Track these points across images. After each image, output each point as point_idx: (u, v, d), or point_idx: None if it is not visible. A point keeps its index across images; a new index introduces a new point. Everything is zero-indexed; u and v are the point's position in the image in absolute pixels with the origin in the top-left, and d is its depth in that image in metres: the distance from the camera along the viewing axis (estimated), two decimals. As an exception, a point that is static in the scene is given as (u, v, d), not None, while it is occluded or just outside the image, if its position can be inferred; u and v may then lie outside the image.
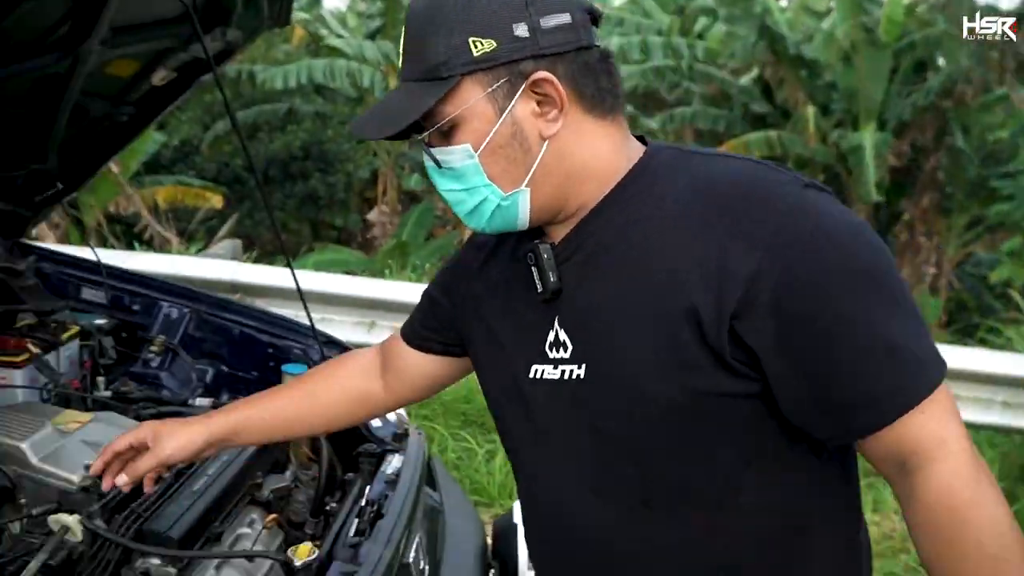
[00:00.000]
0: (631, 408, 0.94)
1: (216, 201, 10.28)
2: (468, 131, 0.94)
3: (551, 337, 1.01)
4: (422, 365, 1.28)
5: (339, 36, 10.08)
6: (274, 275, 4.15)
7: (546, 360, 1.02)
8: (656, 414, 0.93)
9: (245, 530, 1.72)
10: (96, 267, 2.30)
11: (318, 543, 1.49)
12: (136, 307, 2.30)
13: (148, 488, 1.35)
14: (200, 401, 2.01)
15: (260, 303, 3.73)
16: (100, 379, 2.07)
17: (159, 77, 2.11)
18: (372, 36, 10.24)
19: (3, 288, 2.11)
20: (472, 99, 0.93)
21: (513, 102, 0.93)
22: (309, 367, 2.05)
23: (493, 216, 0.99)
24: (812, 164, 10.29)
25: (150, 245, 8.50)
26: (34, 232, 2.76)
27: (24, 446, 1.57)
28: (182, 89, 2.23)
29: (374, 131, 0.99)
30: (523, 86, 0.92)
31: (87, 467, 1.59)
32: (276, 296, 3.88)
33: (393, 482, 1.70)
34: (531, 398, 1.04)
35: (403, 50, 0.98)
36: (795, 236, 0.86)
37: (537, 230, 1.03)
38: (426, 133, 0.97)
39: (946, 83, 9.75)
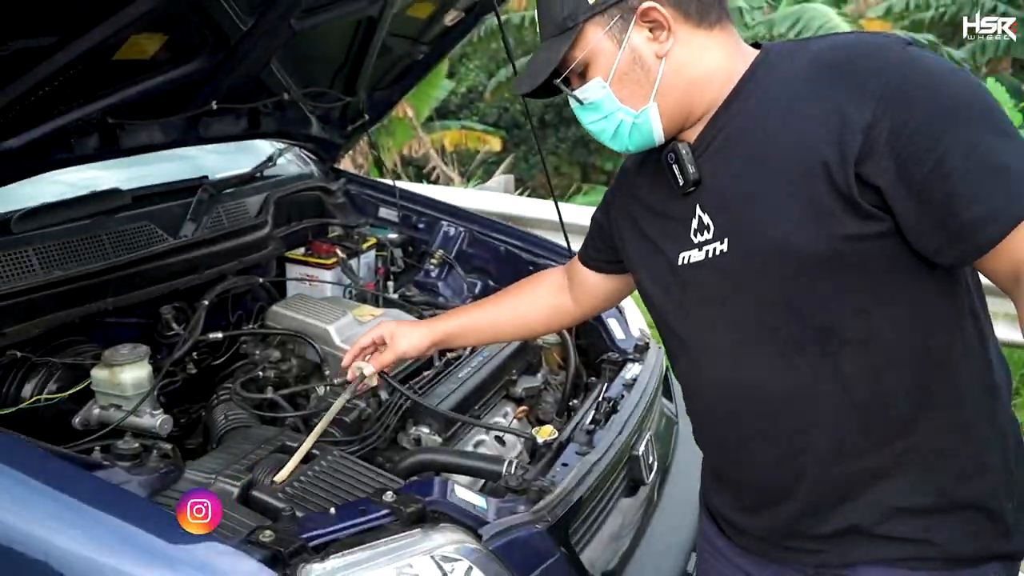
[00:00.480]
0: (774, 264, 1.04)
1: (495, 144, 10.93)
2: (597, 67, 1.10)
3: (695, 224, 1.13)
4: (598, 282, 1.45)
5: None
6: (540, 207, 4.42)
7: (691, 246, 1.14)
8: (800, 266, 1.02)
9: (499, 419, 1.96)
10: (391, 191, 2.65)
11: (559, 428, 1.68)
12: (421, 225, 2.63)
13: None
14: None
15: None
16: (390, 283, 2.42)
17: (450, 17, 2.35)
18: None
19: (319, 204, 2.52)
20: (595, 39, 1.09)
21: (628, 33, 1.08)
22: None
23: (632, 134, 1.14)
24: None
25: (436, 183, 9.29)
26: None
27: (331, 329, 1.92)
28: (467, 28, 2.48)
29: (527, 86, 1.14)
30: (633, 18, 1.07)
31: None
32: (540, 227, 4.13)
33: (630, 385, 1.83)
34: (682, 282, 1.16)
35: (538, 19, 1.16)
36: (901, 83, 0.95)
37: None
38: (562, 76, 1.13)
39: None
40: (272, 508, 1.32)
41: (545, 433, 1.64)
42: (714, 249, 1.10)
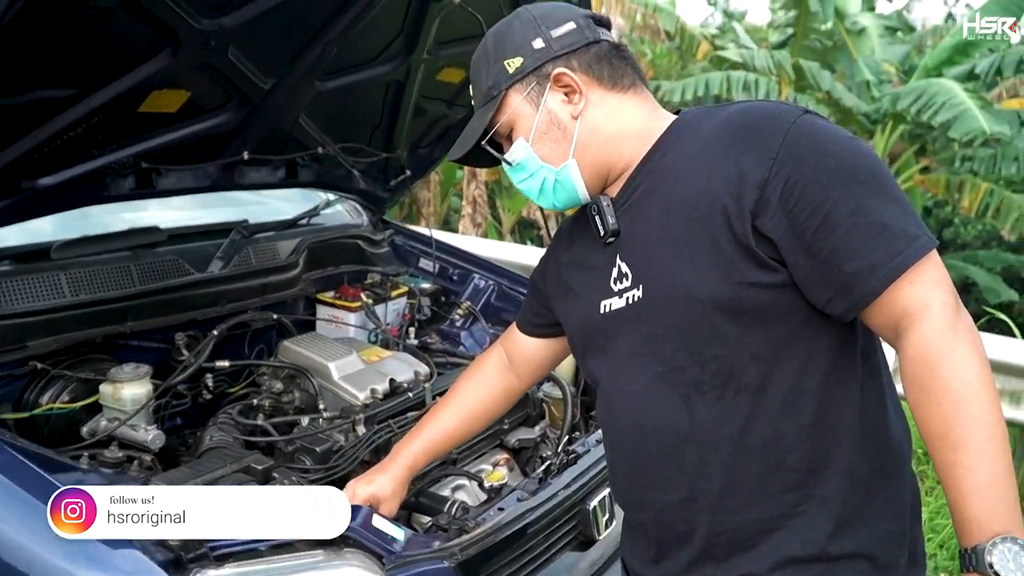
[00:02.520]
0: (681, 307, 1.11)
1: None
2: (520, 129, 1.22)
3: (615, 272, 1.20)
4: (539, 349, 1.51)
5: (745, 48, 10.05)
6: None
7: (612, 294, 1.21)
8: (702, 309, 1.08)
9: (486, 466, 2.00)
10: (428, 243, 2.78)
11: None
12: (455, 276, 2.74)
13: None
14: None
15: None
16: (412, 330, 2.52)
17: (482, 82, 2.49)
18: (782, 45, 10.01)
19: (358, 251, 2.69)
20: (516, 104, 1.21)
21: (544, 97, 1.19)
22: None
23: (556, 191, 1.23)
24: None
25: (541, 244, 9.45)
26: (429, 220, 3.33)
27: (331, 365, 2.04)
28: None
29: (458, 152, 1.27)
30: (548, 83, 1.19)
31: (373, 390, 2.03)
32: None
33: (601, 441, 1.82)
34: (604, 330, 1.22)
35: (471, 94, 1.28)
36: (795, 146, 1.03)
37: None
38: (489, 138, 1.24)
39: None
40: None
41: (495, 477, 1.68)
42: (632, 296, 1.18)
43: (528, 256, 4.77)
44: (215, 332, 1.98)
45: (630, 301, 1.18)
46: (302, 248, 2.40)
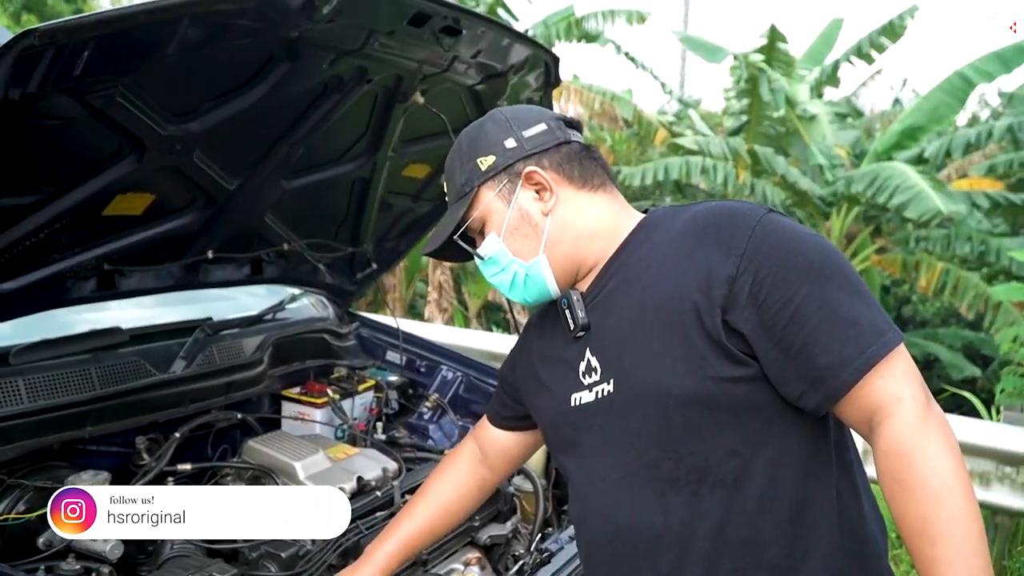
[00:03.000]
0: (653, 403, 1.11)
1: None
2: (491, 224, 1.26)
3: (583, 366, 1.22)
4: (510, 442, 1.50)
5: (702, 135, 10.39)
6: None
7: (581, 387, 1.22)
8: (675, 404, 1.09)
9: (456, 566, 1.95)
10: (395, 335, 2.78)
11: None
12: (422, 368, 2.72)
13: None
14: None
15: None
16: (379, 424, 2.49)
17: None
18: (737, 131, 10.37)
19: (324, 345, 2.67)
20: (487, 200, 1.25)
21: (516, 194, 1.23)
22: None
23: (527, 284, 1.25)
24: None
25: (507, 329, 9.47)
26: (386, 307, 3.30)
27: (297, 465, 2.00)
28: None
29: (431, 246, 1.31)
30: (519, 181, 1.23)
31: (340, 489, 1.98)
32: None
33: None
34: (574, 423, 1.23)
35: (444, 188, 1.32)
36: (761, 243, 1.07)
37: None
38: (461, 234, 1.27)
39: None
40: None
41: (467, 576, 1.64)
42: (602, 390, 1.19)
43: (495, 343, 4.77)
44: (177, 435, 1.94)
45: (600, 395, 1.19)
46: (267, 344, 2.38)
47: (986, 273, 8.55)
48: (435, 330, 5.49)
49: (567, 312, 1.24)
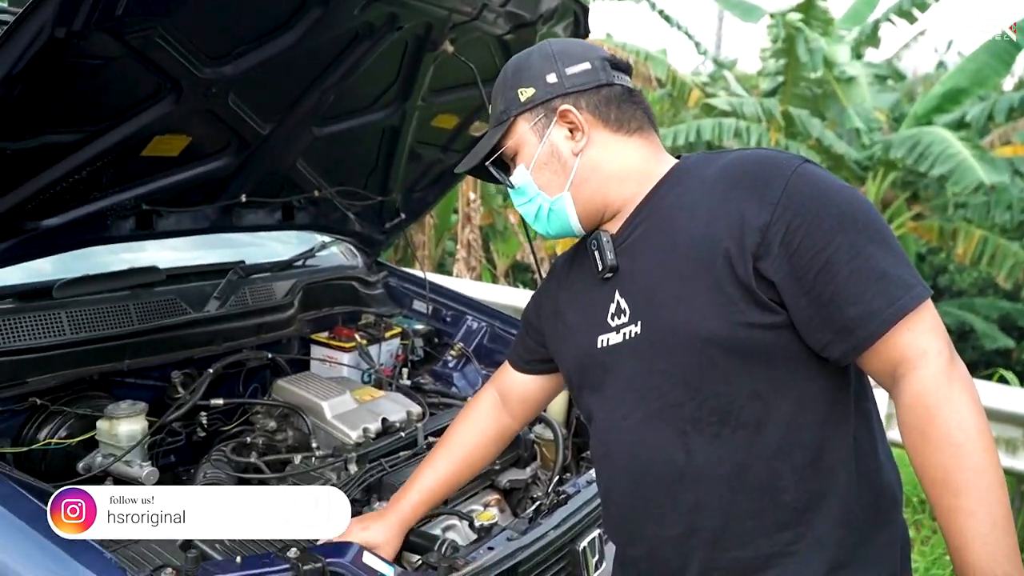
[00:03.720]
0: (681, 344, 1.13)
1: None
2: (523, 155, 1.28)
3: (612, 308, 1.23)
4: (532, 386, 1.53)
5: (736, 96, 10.22)
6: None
7: (609, 329, 1.23)
8: (701, 347, 1.11)
9: (476, 506, 2.01)
10: (422, 284, 2.83)
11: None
12: (448, 318, 2.78)
13: None
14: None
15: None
16: (405, 370, 2.55)
17: (475, 128, 2.56)
18: (772, 93, 10.17)
19: (353, 292, 2.73)
20: (522, 132, 1.26)
21: (549, 130, 1.25)
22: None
23: (550, 219, 1.28)
24: None
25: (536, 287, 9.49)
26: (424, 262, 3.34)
27: (324, 404, 2.07)
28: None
29: (465, 166, 1.34)
30: (554, 118, 1.24)
31: (365, 429, 2.05)
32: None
33: (593, 482, 1.85)
34: (600, 363, 1.25)
35: (489, 110, 1.35)
36: (796, 193, 1.07)
37: None
38: (493, 160, 1.31)
39: None
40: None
41: (485, 517, 1.70)
42: (630, 331, 1.21)
43: (521, 299, 4.81)
44: (210, 371, 2.02)
45: (627, 336, 1.20)
46: (297, 289, 2.44)
47: (1026, 242, 8.38)
48: (463, 284, 5.55)
49: (596, 253, 1.25)
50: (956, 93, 8.23)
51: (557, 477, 2.11)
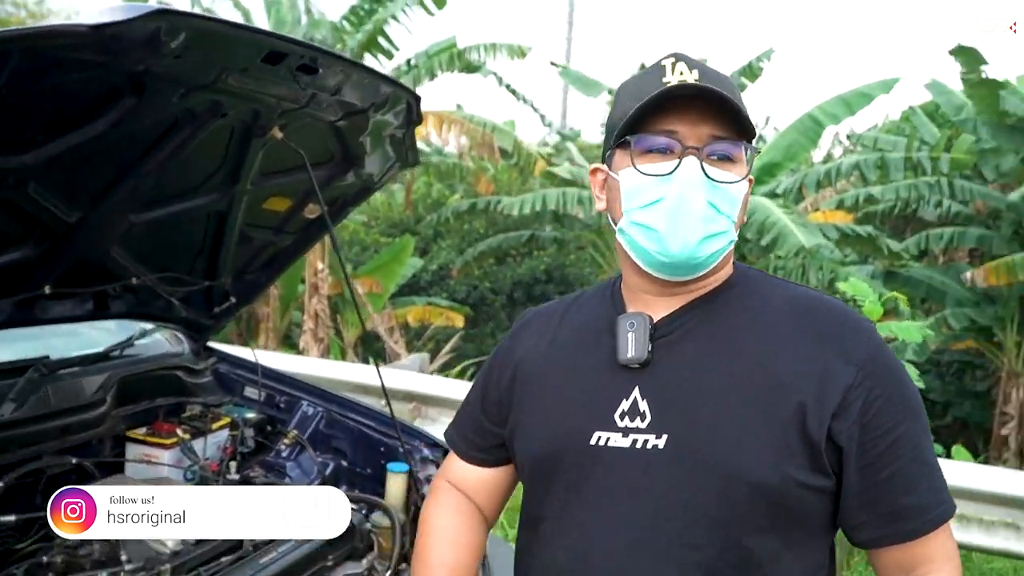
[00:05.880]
0: (719, 482, 1.02)
1: (458, 320, 11.14)
2: (737, 172, 1.09)
3: (625, 405, 1.08)
4: (503, 476, 1.30)
5: (579, 165, 10.66)
6: (449, 386, 4.48)
7: (613, 428, 1.07)
8: (747, 492, 1.02)
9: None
10: (254, 369, 2.71)
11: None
12: (282, 404, 2.66)
13: None
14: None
15: (434, 411, 4.07)
16: (233, 464, 2.41)
17: (309, 211, 2.51)
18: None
19: (177, 382, 2.57)
20: (745, 159, 1.09)
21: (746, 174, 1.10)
22: (410, 466, 2.24)
23: (701, 241, 1.06)
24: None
25: (383, 358, 9.36)
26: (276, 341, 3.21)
27: (138, 511, 1.91)
28: (335, 219, 2.63)
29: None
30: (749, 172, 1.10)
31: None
32: (448, 406, 4.18)
33: None
34: (587, 463, 1.08)
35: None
36: (880, 360, 1.06)
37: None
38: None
39: None
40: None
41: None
42: (645, 442, 1.06)
43: (365, 375, 4.65)
44: (0, 483, 1.82)
45: (640, 446, 1.06)
46: (111, 383, 2.26)
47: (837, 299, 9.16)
48: (304, 363, 5.36)
49: (630, 335, 1.08)
50: (771, 167, 9.00)
51: (393, 569, 2.05)
